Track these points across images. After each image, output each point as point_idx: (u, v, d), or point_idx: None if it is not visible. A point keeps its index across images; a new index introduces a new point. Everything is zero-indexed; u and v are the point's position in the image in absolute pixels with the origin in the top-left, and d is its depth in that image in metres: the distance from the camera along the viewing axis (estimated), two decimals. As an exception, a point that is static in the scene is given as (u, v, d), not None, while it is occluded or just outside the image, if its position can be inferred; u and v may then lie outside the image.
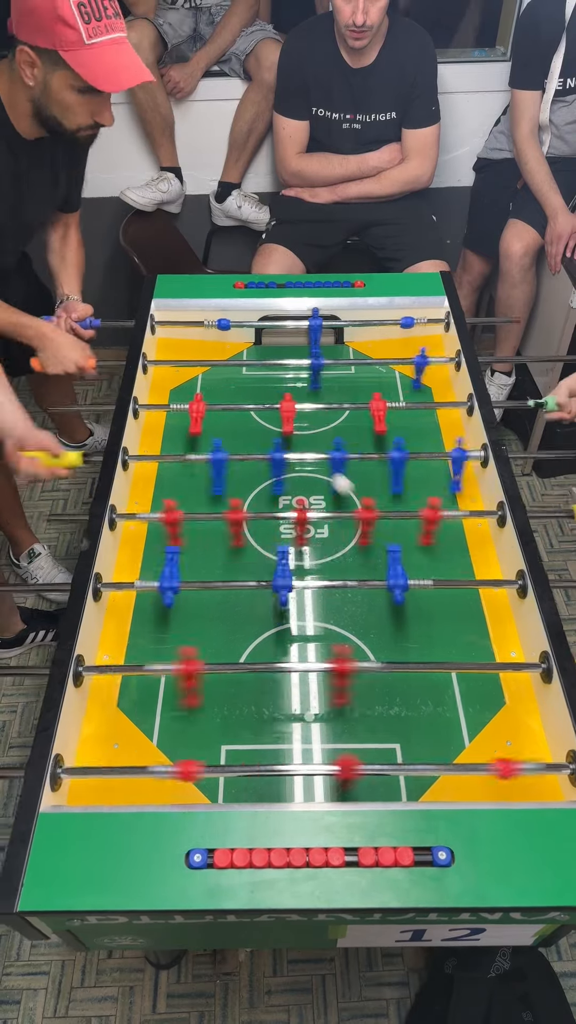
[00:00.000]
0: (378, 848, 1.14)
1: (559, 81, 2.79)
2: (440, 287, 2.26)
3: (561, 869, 1.16)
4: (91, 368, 2.09)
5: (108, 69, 1.74)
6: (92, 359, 2.09)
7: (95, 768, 1.36)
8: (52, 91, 1.79)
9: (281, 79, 2.88)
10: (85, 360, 2.08)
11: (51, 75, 1.76)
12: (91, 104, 1.82)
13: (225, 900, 1.12)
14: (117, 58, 1.75)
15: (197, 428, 1.94)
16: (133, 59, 1.79)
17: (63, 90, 1.78)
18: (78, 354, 2.08)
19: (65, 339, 2.09)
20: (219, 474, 1.80)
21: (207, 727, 1.43)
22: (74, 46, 1.70)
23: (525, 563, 1.53)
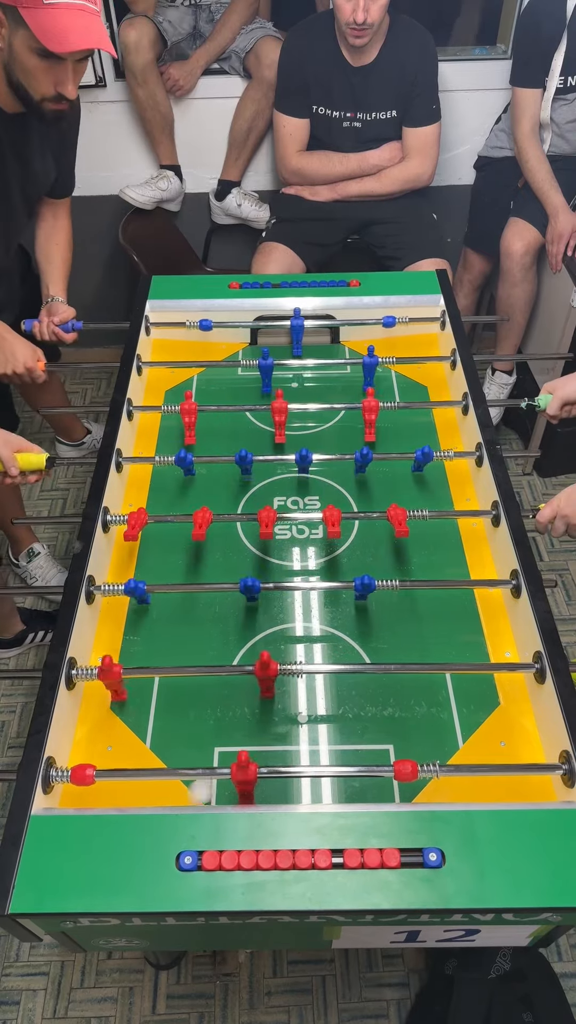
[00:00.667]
0: (364, 850, 1.14)
1: (560, 79, 2.78)
2: (436, 285, 2.26)
3: (554, 870, 1.15)
4: (40, 370, 2.08)
5: (61, 29, 1.71)
6: (42, 362, 2.08)
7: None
8: (16, 53, 1.77)
9: (281, 77, 2.88)
10: (34, 362, 2.06)
11: (14, 36, 1.74)
12: (53, 72, 1.79)
13: (216, 902, 1.12)
14: (73, 21, 1.72)
15: (192, 438, 1.94)
16: (91, 25, 1.75)
17: (24, 52, 1.76)
18: (27, 356, 2.06)
19: (16, 340, 2.07)
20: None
21: (200, 729, 1.42)
22: (32, 3, 1.68)
23: (519, 563, 1.53)
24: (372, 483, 1.85)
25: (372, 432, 1.92)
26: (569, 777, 1.27)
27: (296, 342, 2.14)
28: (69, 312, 2.23)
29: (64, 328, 2.20)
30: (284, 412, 1.88)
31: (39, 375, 2.09)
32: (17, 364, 2.05)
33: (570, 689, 1.34)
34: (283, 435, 1.92)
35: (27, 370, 2.06)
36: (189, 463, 1.80)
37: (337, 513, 1.63)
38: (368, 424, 1.92)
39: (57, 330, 2.19)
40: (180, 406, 1.91)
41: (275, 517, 1.64)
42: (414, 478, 1.85)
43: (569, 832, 1.19)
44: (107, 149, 3.15)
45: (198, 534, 1.62)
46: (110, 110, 3.08)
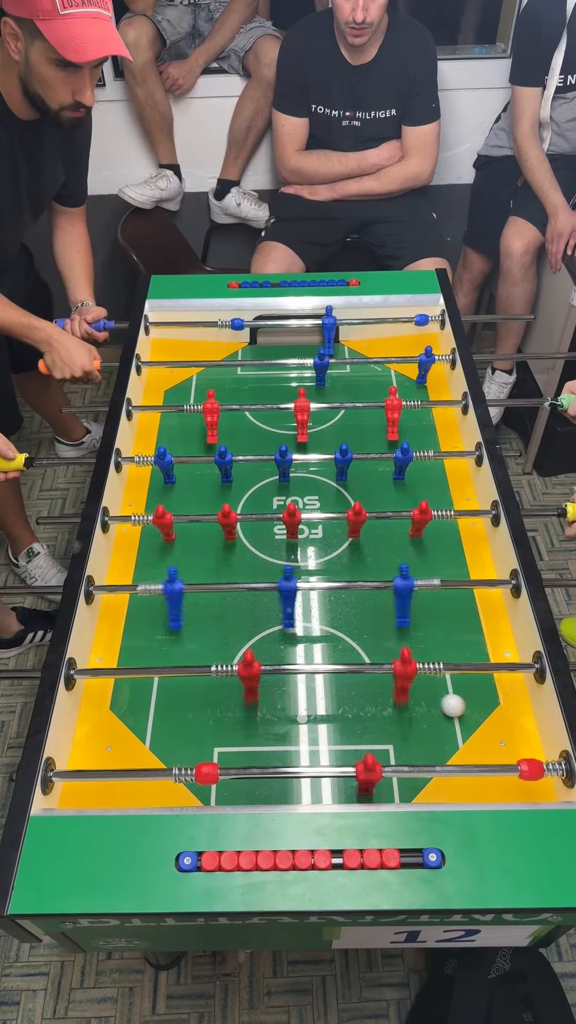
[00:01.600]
0: (364, 851, 1.14)
1: (560, 78, 2.77)
2: (436, 285, 2.25)
3: (554, 870, 1.15)
4: (97, 370, 2.10)
5: (78, 39, 1.72)
6: (97, 360, 2.10)
7: (87, 771, 1.35)
8: (33, 65, 1.79)
9: (280, 76, 2.87)
10: (91, 363, 2.08)
11: (31, 47, 1.76)
12: (70, 81, 1.81)
13: (216, 903, 1.12)
14: (89, 30, 1.73)
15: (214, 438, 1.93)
16: (107, 32, 1.77)
17: (41, 63, 1.77)
18: (84, 358, 2.08)
19: (72, 342, 2.08)
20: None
21: (199, 729, 1.42)
22: (49, 15, 1.69)
23: (519, 563, 1.52)
24: (371, 483, 1.85)
25: (395, 431, 1.93)
26: (569, 777, 1.27)
27: (328, 341, 2.14)
28: (100, 311, 2.24)
29: (95, 327, 2.20)
30: (306, 411, 1.89)
31: (97, 376, 2.11)
32: (75, 368, 2.07)
33: (570, 689, 1.33)
34: (305, 434, 1.92)
35: (85, 372, 2.08)
36: (168, 463, 1.80)
37: (363, 514, 1.63)
38: (391, 423, 1.92)
39: (89, 329, 2.19)
40: (203, 405, 1.90)
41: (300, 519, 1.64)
42: (413, 477, 1.84)
43: (569, 832, 1.19)
44: (106, 148, 3.13)
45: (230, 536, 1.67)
46: (109, 109, 3.08)
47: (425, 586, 1.52)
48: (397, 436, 1.93)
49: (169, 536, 1.71)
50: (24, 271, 2.43)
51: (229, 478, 1.85)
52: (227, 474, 1.84)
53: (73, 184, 2.28)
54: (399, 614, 1.55)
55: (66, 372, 2.08)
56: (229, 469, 1.83)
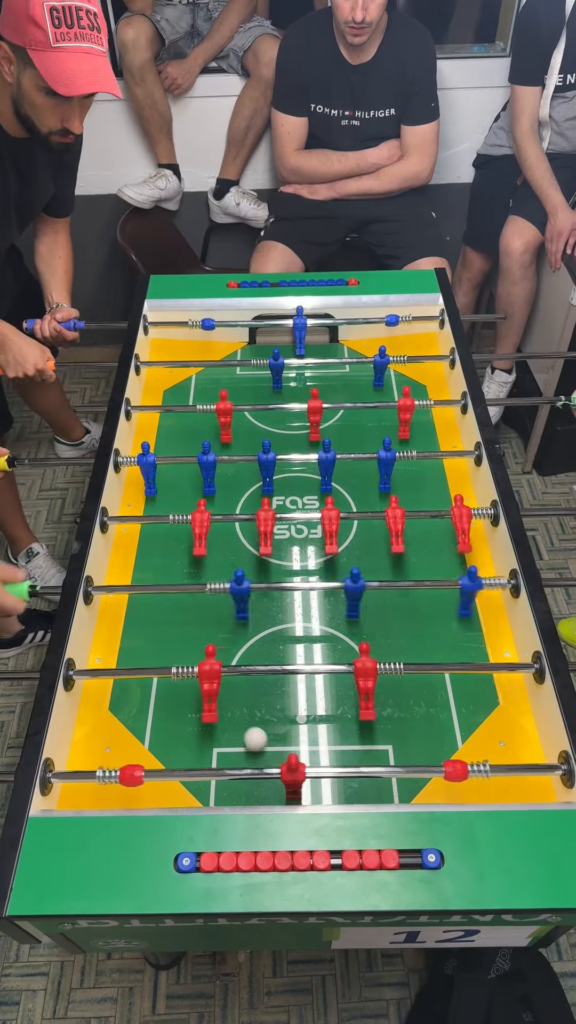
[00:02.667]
0: (363, 851, 1.14)
1: (559, 77, 2.77)
2: (435, 284, 2.25)
3: (553, 871, 1.15)
4: (51, 370, 2.09)
5: (68, 73, 1.75)
6: (51, 361, 2.09)
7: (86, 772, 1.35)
8: (24, 90, 1.81)
9: (280, 75, 2.87)
10: (44, 362, 2.07)
11: (23, 73, 1.79)
12: (60, 109, 1.83)
13: (214, 903, 1.12)
14: (80, 64, 1.76)
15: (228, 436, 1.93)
16: (98, 68, 1.79)
17: (32, 90, 1.80)
18: (36, 356, 2.06)
19: (25, 343, 2.07)
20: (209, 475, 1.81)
21: (199, 730, 1.42)
22: (41, 46, 1.72)
23: (518, 562, 1.52)
24: (369, 483, 1.84)
25: (407, 430, 1.93)
26: (568, 777, 1.27)
27: (299, 341, 2.14)
28: (72, 312, 2.23)
29: (66, 326, 2.20)
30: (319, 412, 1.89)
31: (50, 375, 2.10)
32: (27, 366, 2.06)
33: (570, 690, 1.33)
34: (317, 433, 1.92)
35: (38, 371, 2.07)
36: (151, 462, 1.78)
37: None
38: (403, 423, 1.93)
39: (59, 327, 2.19)
40: (216, 405, 1.90)
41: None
42: (412, 478, 1.84)
43: (568, 833, 1.19)
44: (105, 148, 3.15)
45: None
46: (108, 109, 3.08)
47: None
48: (408, 435, 1.93)
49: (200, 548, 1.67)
50: (13, 272, 2.43)
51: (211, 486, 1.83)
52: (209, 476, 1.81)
53: (61, 195, 2.30)
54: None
55: (19, 371, 2.07)
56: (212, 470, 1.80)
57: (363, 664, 1.36)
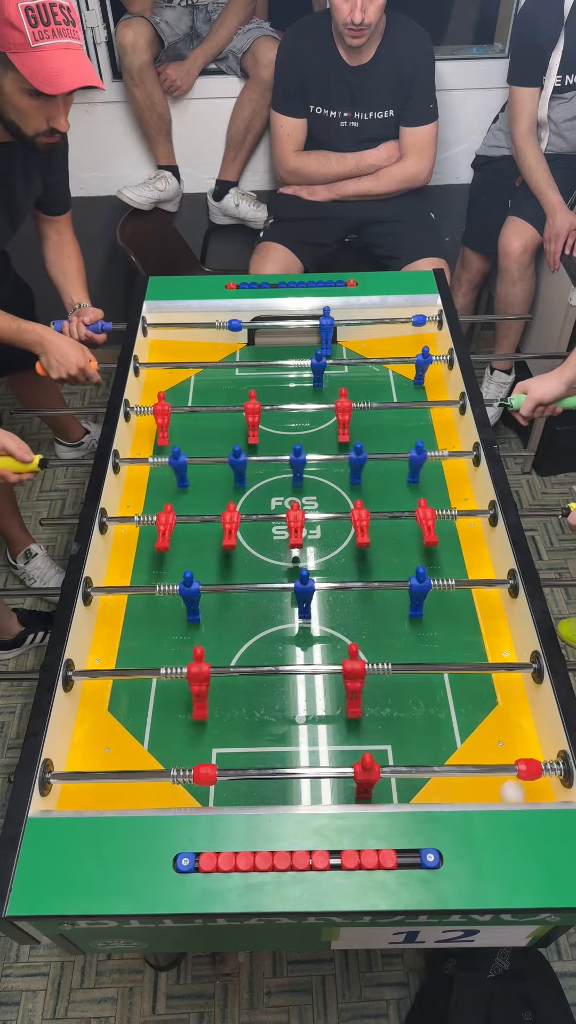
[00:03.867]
0: (361, 851, 1.14)
1: (557, 78, 2.78)
2: (433, 285, 2.26)
3: (551, 870, 1.15)
4: (94, 369, 2.10)
5: (51, 72, 1.74)
6: (94, 361, 2.10)
7: (85, 773, 1.36)
8: (7, 94, 1.81)
9: (278, 77, 2.88)
10: (86, 361, 2.09)
11: (4, 78, 1.78)
12: (45, 109, 1.83)
13: (214, 904, 1.12)
14: (61, 61, 1.75)
15: (164, 439, 1.94)
16: (79, 62, 1.79)
17: (15, 93, 1.79)
18: (79, 356, 2.08)
19: (65, 342, 2.09)
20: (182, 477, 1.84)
21: (198, 730, 1.42)
22: (21, 48, 1.71)
23: (516, 562, 1.53)
24: (369, 483, 1.85)
25: (346, 433, 1.93)
26: (566, 777, 1.27)
27: (325, 341, 2.14)
28: (98, 313, 2.24)
29: (93, 328, 2.20)
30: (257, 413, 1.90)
31: (94, 374, 2.12)
32: (71, 367, 2.08)
33: (568, 689, 1.34)
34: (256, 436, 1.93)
35: (80, 371, 2.09)
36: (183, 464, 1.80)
37: (366, 513, 1.63)
38: (342, 425, 1.93)
39: (88, 332, 2.20)
40: (153, 407, 1.91)
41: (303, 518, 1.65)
42: (411, 478, 1.84)
43: (567, 833, 1.19)
44: (104, 150, 3.15)
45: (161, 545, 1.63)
46: (107, 111, 3.08)
47: (442, 586, 1.53)
48: (348, 438, 1.93)
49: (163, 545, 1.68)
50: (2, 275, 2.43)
51: (243, 481, 1.85)
52: (240, 476, 1.84)
53: (55, 193, 2.30)
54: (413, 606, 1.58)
55: (62, 372, 2.09)
56: (243, 470, 1.83)
57: (351, 666, 1.36)
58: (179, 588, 1.52)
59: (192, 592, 1.52)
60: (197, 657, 1.37)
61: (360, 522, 1.63)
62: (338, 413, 1.90)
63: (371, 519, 1.64)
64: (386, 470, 1.86)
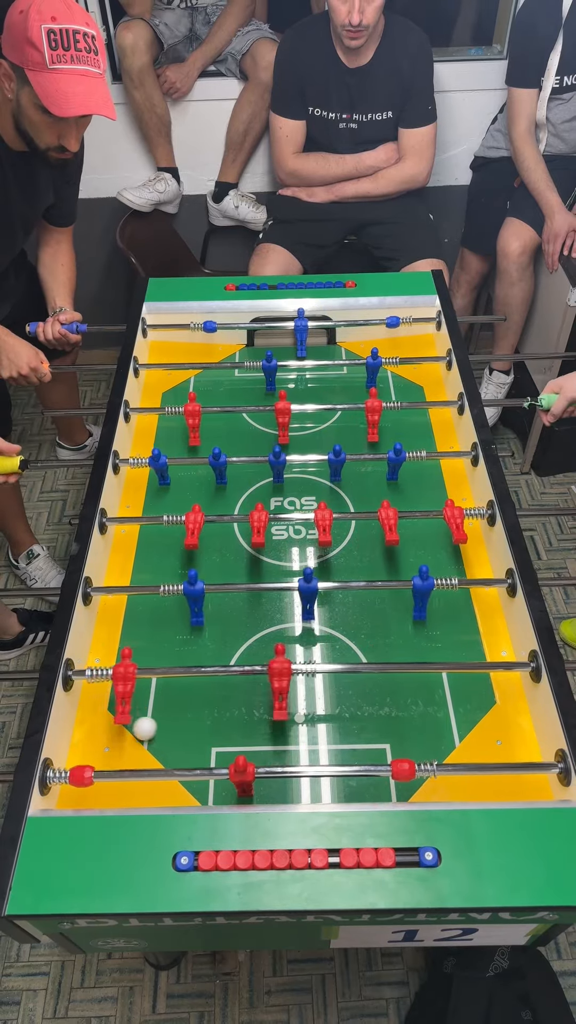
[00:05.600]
0: (360, 850, 1.15)
1: (556, 79, 2.78)
2: (432, 286, 2.26)
3: (550, 869, 1.16)
4: (45, 369, 2.12)
5: (61, 95, 1.78)
6: (45, 362, 2.12)
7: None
8: (22, 107, 1.85)
9: (277, 79, 2.88)
10: (38, 362, 2.10)
11: (21, 91, 1.83)
12: (57, 126, 1.86)
13: (213, 902, 1.13)
14: (75, 86, 1.79)
15: (196, 439, 1.95)
16: (93, 90, 1.82)
17: (29, 107, 1.83)
18: (30, 355, 2.10)
19: (19, 343, 2.11)
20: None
21: (197, 729, 1.43)
22: (38, 67, 1.76)
23: (514, 562, 1.53)
24: (368, 482, 1.86)
25: (375, 432, 1.93)
26: (565, 776, 1.27)
27: (300, 343, 2.15)
28: (74, 315, 2.26)
29: (68, 329, 2.21)
30: (287, 413, 1.89)
31: (45, 373, 2.13)
32: (21, 365, 2.09)
33: (566, 688, 1.34)
34: (286, 436, 1.93)
35: (32, 370, 2.10)
36: (163, 465, 1.81)
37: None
38: (371, 424, 1.93)
39: (62, 330, 2.21)
40: (184, 408, 1.91)
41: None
42: (411, 478, 1.85)
43: (565, 831, 1.20)
44: (104, 152, 3.15)
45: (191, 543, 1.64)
46: (107, 112, 3.08)
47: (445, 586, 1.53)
48: (377, 438, 1.94)
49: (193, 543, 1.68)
50: (15, 273, 2.44)
51: (223, 480, 1.86)
52: (221, 476, 1.85)
53: (64, 206, 2.33)
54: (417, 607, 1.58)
55: (12, 370, 2.11)
56: (223, 471, 1.83)
57: (280, 664, 1.36)
58: (183, 587, 1.52)
59: (196, 592, 1.52)
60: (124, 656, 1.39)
61: (388, 520, 1.64)
62: (368, 414, 1.92)
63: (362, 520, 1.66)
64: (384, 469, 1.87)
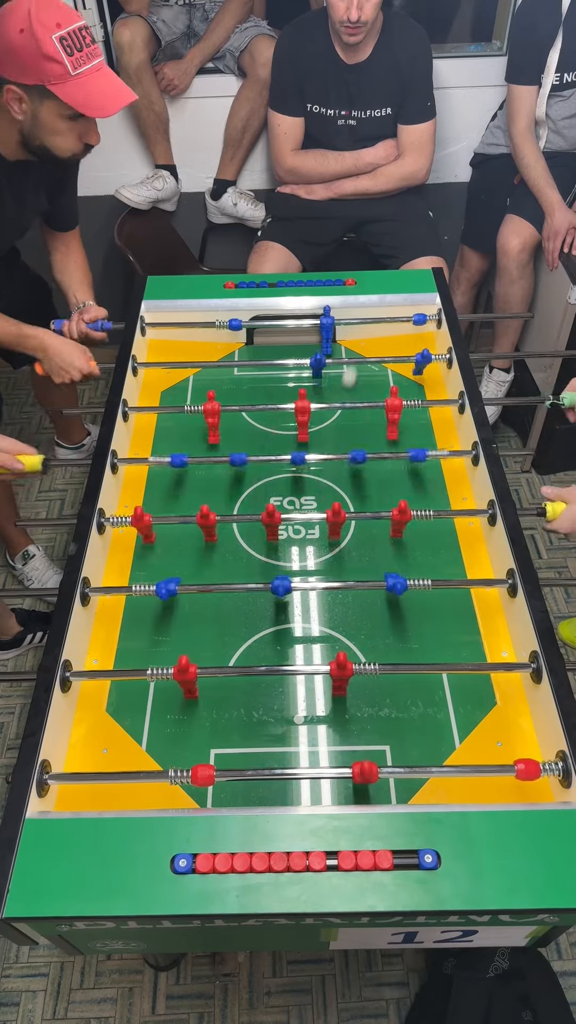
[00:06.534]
0: (358, 852, 1.14)
1: (556, 76, 2.77)
2: (432, 284, 2.25)
3: (551, 871, 1.15)
4: (94, 370, 2.12)
5: (96, 96, 1.81)
6: (93, 362, 2.12)
7: (82, 774, 1.35)
8: (42, 122, 1.85)
9: (276, 76, 2.87)
10: (87, 364, 2.11)
11: (40, 108, 1.83)
12: (79, 127, 1.89)
13: (211, 905, 1.12)
14: (101, 84, 1.82)
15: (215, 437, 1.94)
16: (116, 83, 1.88)
17: (54, 120, 1.84)
18: (80, 359, 2.11)
19: (65, 346, 2.11)
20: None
21: (196, 731, 1.42)
22: (61, 79, 1.77)
23: (515, 562, 1.52)
24: (368, 482, 1.85)
25: (395, 430, 1.93)
26: (565, 778, 1.27)
27: (326, 340, 2.14)
28: (100, 311, 2.26)
29: (93, 327, 2.21)
30: (307, 412, 1.89)
31: (96, 372, 2.13)
32: (73, 371, 2.12)
33: (567, 689, 1.33)
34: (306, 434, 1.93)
35: (84, 376, 2.13)
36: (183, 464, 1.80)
37: (342, 515, 1.63)
38: (391, 423, 1.93)
39: (86, 329, 2.21)
40: (203, 406, 1.90)
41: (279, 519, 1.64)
42: (410, 477, 1.84)
43: (565, 833, 1.19)
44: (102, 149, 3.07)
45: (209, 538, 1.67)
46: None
47: (417, 586, 1.52)
48: (397, 435, 1.94)
49: (149, 538, 1.71)
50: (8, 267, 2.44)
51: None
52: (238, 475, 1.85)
53: (64, 210, 2.34)
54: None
55: (64, 376, 2.12)
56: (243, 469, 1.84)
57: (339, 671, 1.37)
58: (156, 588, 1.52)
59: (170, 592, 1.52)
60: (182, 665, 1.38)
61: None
62: (388, 412, 1.92)
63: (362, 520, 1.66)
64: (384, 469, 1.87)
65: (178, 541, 1.72)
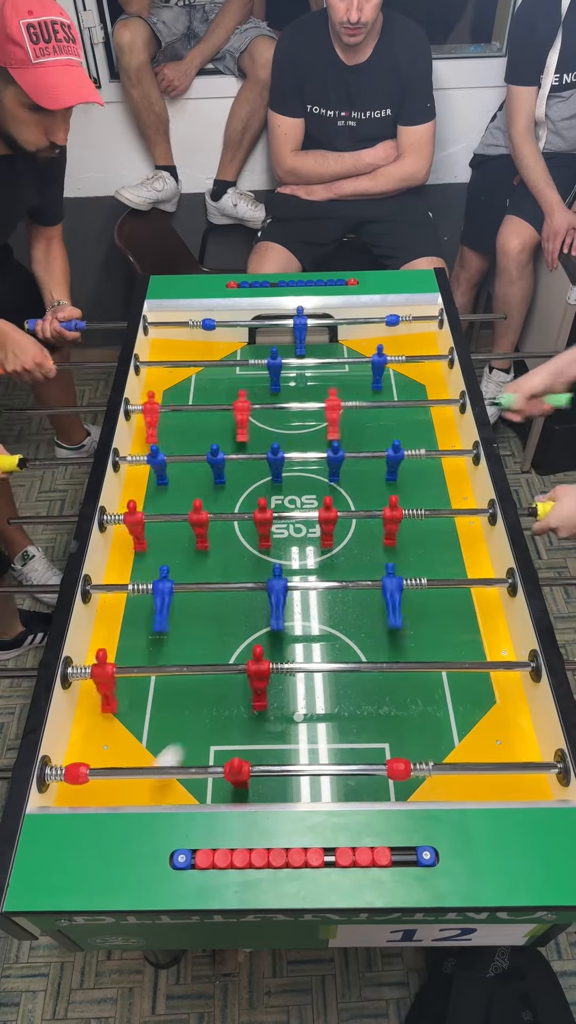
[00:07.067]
0: (356, 848, 1.14)
1: (555, 76, 2.78)
2: (434, 284, 2.26)
3: (549, 868, 1.15)
4: (49, 364, 2.11)
5: (52, 88, 1.79)
6: (49, 359, 2.11)
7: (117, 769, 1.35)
8: (6, 107, 1.85)
9: (276, 76, 2.87)
10: (43, 357, 2.10)
11: (4, 92, 1.83)
12: (44, 122, 1.87)
13: (210, 900, 1.12)
14: (62, 78, 1.80)
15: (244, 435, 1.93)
16: (79, 80, 1.84)
17: (15, 107, 1.84)
18: (35, 351, 2.10)
19: (22, 337, 2.11)
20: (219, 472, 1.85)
21: (196, 728, 1.42)
22: (22, 64, 1.76)
23: (515, 561, 1.53)
24: (368, 482, 1.85)
25: (336, 430, 1.92)
26: (564, 776, 1.27)
27: (299, 341, 2.14)
28: (74, 311, 2.26)
29: (66, 326, 2.21)
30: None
31: (50, 369, 2.12)
32: (27, 360, 2.09)
33: (566, 688, 1.34)
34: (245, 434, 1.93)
35: (36, 365, 2.10)
36: (161, 462, 1.81)
37: (333, 512, 1.63)
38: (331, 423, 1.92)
39: (59, 328, 2.20)
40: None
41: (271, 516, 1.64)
42: (410, 477, 1.84)
43: (564, 831, 1.19)
44: (102, 150, 3.15)
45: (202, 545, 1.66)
46: (104, 111, 3.06)
47: (413, 586, 1.52)
48: (338, 435, 1.92)
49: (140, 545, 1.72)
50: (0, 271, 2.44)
51: (222, 478, 1.85)
52: (219, 474, 1.84)
53: (50, 205, 2.33)
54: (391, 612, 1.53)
55: (17, 364, 2.10)
56: (221, 468, 1.83)
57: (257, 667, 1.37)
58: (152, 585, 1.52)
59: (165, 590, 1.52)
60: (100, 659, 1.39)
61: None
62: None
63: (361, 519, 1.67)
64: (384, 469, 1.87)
65: (178, 540, 1.72)
